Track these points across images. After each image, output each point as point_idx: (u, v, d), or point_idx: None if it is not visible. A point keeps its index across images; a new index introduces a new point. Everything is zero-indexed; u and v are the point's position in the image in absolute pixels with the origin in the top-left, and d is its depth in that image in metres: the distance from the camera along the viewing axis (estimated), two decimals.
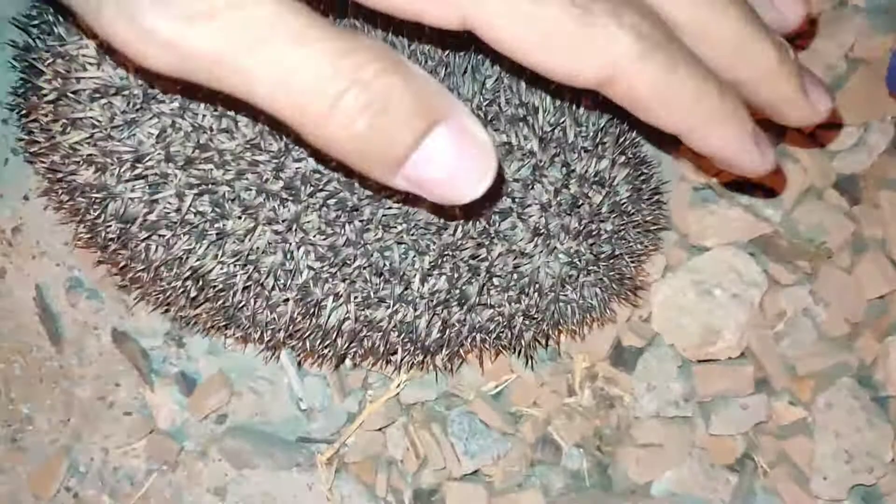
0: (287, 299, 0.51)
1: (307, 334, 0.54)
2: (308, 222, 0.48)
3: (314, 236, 0.48)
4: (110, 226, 0.50)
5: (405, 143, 0.31)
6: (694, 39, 0.36)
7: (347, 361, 0.63)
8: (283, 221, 0.48)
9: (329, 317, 0.51)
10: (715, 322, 0.62)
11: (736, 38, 0.36)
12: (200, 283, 0.51)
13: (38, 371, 0.63)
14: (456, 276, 0.51)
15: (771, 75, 0.38)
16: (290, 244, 0.49)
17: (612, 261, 0.54)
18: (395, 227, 0.49)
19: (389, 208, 0.49)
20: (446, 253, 0.50)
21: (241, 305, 0.52)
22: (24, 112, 0.52)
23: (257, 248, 0.49)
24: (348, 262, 0.49)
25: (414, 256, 0.50)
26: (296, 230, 0.48)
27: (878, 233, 0.65)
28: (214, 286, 0.51)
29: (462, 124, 0.32)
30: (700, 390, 0.64)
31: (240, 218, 0.48)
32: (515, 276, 0.52)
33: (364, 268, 0.49)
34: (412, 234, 0.49)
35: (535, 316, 0.54)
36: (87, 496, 0.62)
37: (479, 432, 0.63)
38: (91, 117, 0.48)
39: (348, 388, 0.63)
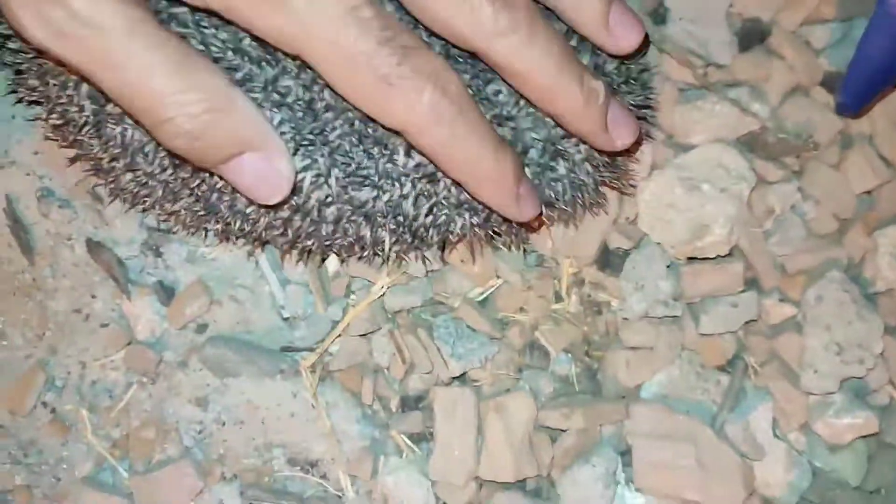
0: None
1: (288, 219, 0.52)
2: (285, 86, 0.46)
3: (291, 100, 0.47)
4: (83, 107, 0.48)
5: (214, 161, 0.43)
6: (514, 80, 0.45)
7: (332, 263, 0.61)
8: (259, 83, 0.46)
9: (310, 198, 0.49)
10: (704, 216, 0.61)
11: (550, 83, 0.45)
12: (177, 162, 0.49)
13: (11, 284, 0.61)
14: None
15: (577, 115, 0.47)
16: (266, 109, 0.47)
17: None
18: None
19: None
20: None
21: (218, 187, 0.50)
22: None
23: None
24: (327, 129, 0.47)
25: None
26: (271, 92, 0.46)
27: (866, 128, 0.64)
28: (192, 168, 0.49)
29: (267, 155, 0.44)
30: (689, 290, 0.63)
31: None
32: None
33: (346, 136, 0.48)
34: None
35: None
36: (64, 411, 0.61)
37: (465, 336, 0.62)
38: None
39: (331, 295, 0.62)
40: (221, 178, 0.46)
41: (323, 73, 0.42)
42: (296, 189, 0.49)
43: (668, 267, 0.62)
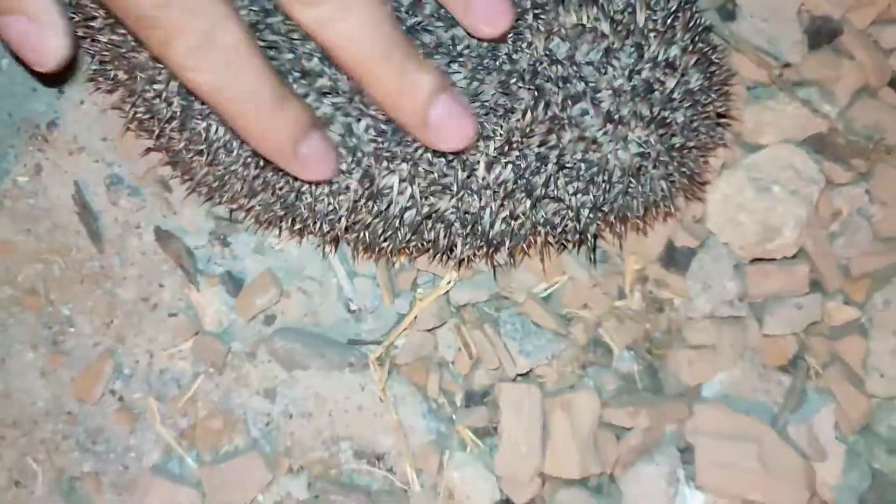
0: (349, 186, 0.50)
1: (368, 224, 0.52)
2: (369, 97, 0.46)
3: (374, 110, 0.47)
4: (172, 102, 0.48)
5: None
6: (330, 54, 0.45)
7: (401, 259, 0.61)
8: (343, 93, 0.46)
9: (392, 204, 0.49)
10: (774, 219, 0.61)
11: (362, 64, 0.44)
12: (262, 163, 0.49)
13: (79, 272, 0.61)
14: (523, 165, 0.49)
15: (390, 105, 0.46)
16: (351, 118, 0.47)
17: (682, 153, 0.53)
18: None
19: (453, 85, 0.47)
20: (514, 139, 0.49)
21: (301, 191, 0.50)
22: None
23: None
24: (407, 140, 0.47)
25: (478, 140, 0.48)
26: (356, 102, 0.46)
27: None
28: (275, 168, 0.49)
29: (39, 26, 0.46)
30: (753, 291, 0.63)
31: (297, 83, 0.46)
32: (584, 165, 0.50)
33: (427, 148, 0.48)
34: (477, 116, 0.48)
35: (603, 209, 0.52)
36: (132, 399, 0.61)
37: (532, 333, 0.62)
38: None
39: (398, 288, 0.62)
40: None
41: None
42: (379, 194, 0.49)
43: (734, 267, 0.63)
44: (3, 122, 0.60)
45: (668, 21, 0.50)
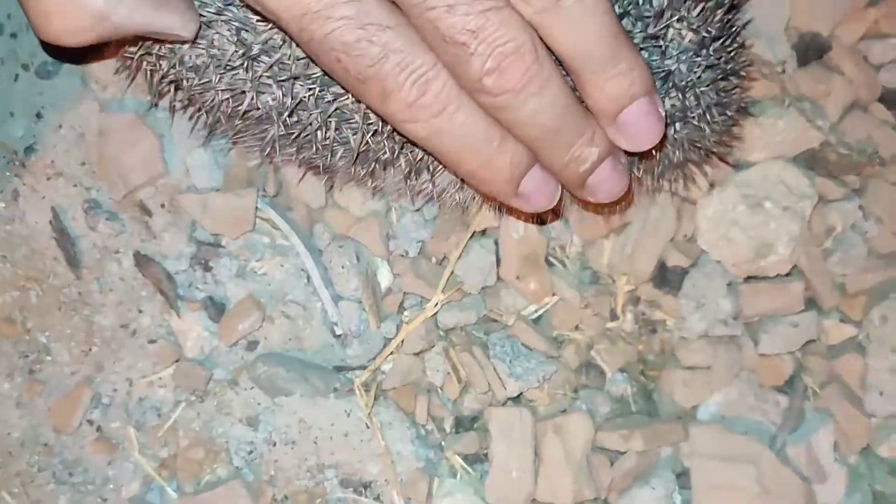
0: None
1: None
2: None
3: None
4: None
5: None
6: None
7: (384, 278, 0.60)
8: None
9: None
10: (767, 235, 0.60)
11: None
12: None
13: (56, 298, 0.59)
14: None
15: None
16: None
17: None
18: None
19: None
20: None
21: None
22: None
23: None
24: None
25: None
26: None
27: None
28: None
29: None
30: (748, 309, 0.61)
31: None
32: None
33: None
34: None
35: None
36: (111, 429, 0.59)
37: (522, 355, 0.60)
38: None
39: (384, 312, 0.61)
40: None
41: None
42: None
43: (728, 285, 0.61)
44: None
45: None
